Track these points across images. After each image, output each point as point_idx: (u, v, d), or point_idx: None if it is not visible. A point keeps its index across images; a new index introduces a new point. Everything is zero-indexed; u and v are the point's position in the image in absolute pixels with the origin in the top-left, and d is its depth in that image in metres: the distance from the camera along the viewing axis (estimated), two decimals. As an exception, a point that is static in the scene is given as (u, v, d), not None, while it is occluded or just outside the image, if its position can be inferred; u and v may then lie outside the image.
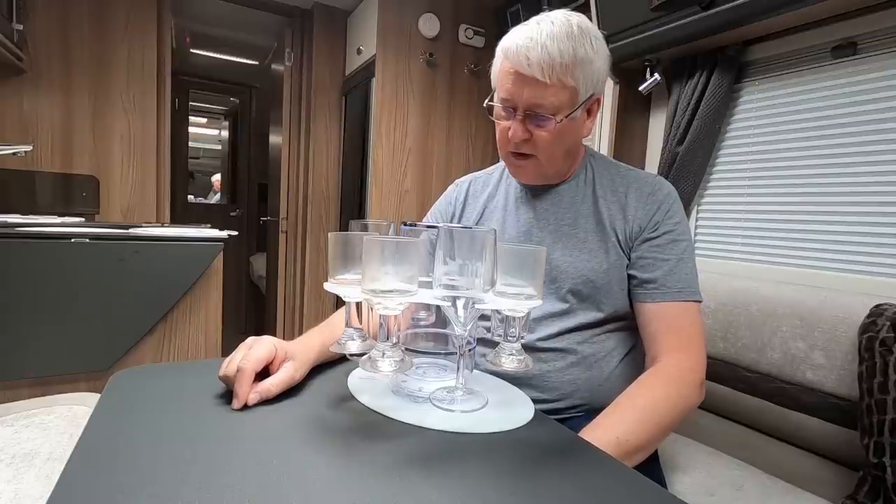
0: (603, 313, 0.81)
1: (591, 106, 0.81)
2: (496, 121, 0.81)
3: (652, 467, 0.82)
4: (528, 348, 0.79)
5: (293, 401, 0.61)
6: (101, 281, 1.15)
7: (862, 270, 1.15)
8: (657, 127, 1.61)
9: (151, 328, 1.22)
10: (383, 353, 0.52)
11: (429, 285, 0.54)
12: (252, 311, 3.94)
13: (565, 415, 0.82)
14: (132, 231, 1.23)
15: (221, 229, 1.37)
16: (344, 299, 0.56)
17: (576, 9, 1.85)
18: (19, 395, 1.10)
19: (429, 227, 0.59)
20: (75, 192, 1.98)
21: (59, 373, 1.14)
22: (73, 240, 1.12)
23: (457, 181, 1.01)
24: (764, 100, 1.35)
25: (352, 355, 0.56)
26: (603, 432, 0.63)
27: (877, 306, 0.89)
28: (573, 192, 0.85)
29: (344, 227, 2.54)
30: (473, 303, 0.52)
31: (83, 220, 1.61)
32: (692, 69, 1.41)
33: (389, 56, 2.16)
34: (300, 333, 2.79)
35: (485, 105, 0.82)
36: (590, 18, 1.26)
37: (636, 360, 0.84)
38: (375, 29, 2.13)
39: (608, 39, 1.64)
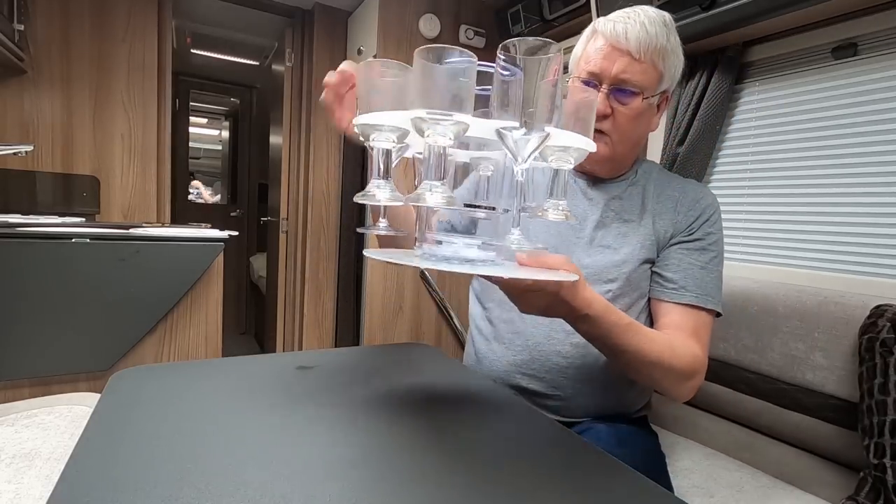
0: (633, 310, 0.83)
1: (661, 101, 0.83)
2: None
3: (659, 473, 0.83)
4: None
5: (293, 400, 0.61)
6: (102, 281, 1.15)
7: (862, 271, 1.15)
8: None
9: (151, 328, 1.22)
10: (431, 189, 0.45)
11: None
12: (252, 311, 3.94)
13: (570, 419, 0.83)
14: (132, 231, 1.23)
15: (221, 229, 1.37)
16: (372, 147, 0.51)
17: (576, 9, 1.84)
18: (20, 394, 1.10)
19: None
20: (75, 192, 1.98)
21: (59, 373, 1.13)
22: (73, 240, 1.12)
23: None
24: (764, 100, 1.35)
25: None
26: (618, 318, 0.65)
27: (877, 307, 0.89)
28: (623, 187, 0.87)
29: (344, 227, 2.54)
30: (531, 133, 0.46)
31: (83, 220, 1.60)
32: (693, 69, 1.41)
33: (390, 56, 2.16)
34: (301, 334, 2.78)
35: (569, 84, 0.83)
36: (590, 18, 1.25)
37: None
38: (376, 29, 2.13)
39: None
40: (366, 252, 0.54)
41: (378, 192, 0.49)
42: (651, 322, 0.85)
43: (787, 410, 0.99)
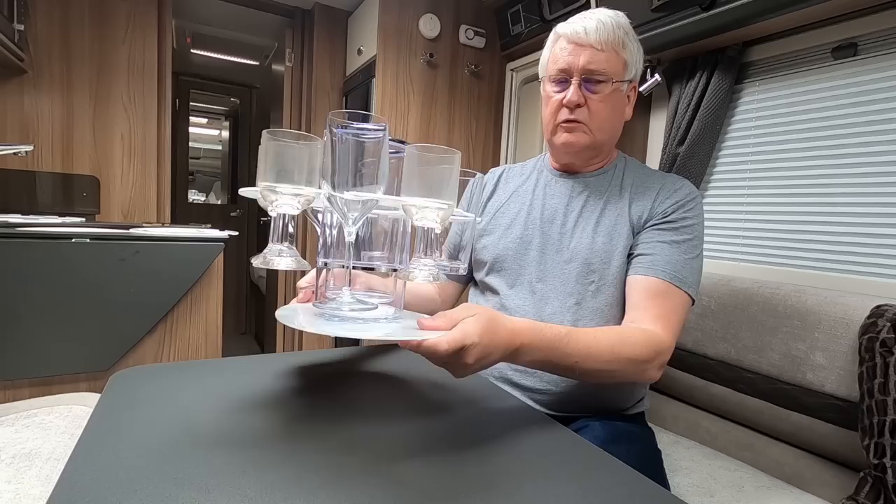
0: (615, 301, 0.84)
1: (630, 91, 0.88)
2: (549, 96, 0.87)
3: (655, 471, 0.83)
4: None
5: (292, 400, 0.61)
6: (102, 281, 1.15)
7: (862, 271, 1.15)
8: (657, 127, 1.61)
9: (151, 328, 1.22)
10: (279, 253, 0.53)
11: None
12: (252, 311, 3.94)
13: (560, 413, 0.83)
14: (132, 231, 1.23)
15: (221, 229, 1.37)
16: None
17: (576, 9, 1.85)
18: (20, 394, 1.10)
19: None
20: (75, 192, 1.98)
21: (59, 373, 1.13)
22: (73, 240, 1.12)
23: (492, 169, 1.06)
24: (764, 100, 1.35)
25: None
26: (554, 330, 0.64)
27: (877, 307, 0.89)
28: (604, 181, 0.90)
29: (344, 227, 2.54)
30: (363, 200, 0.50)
31: (83, 220, 1.60)
32: (693, 70, 1.41)
33: (390, 56, 2.16)
34: (301, 334, 2.77)
35: (542, 90, 0.89)
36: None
37: None
38: (376, 29, 2.13)
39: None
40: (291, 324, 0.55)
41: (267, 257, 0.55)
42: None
43: (787, 410, 0.99)
